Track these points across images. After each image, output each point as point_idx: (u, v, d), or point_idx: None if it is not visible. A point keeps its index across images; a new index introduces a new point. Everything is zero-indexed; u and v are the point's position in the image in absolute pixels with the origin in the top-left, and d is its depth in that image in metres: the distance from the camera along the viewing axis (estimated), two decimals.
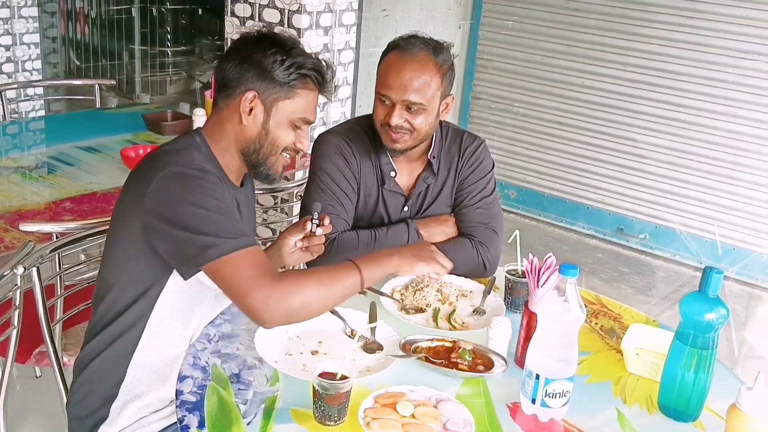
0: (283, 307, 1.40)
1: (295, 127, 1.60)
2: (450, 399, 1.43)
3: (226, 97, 1.58)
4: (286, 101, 1.57)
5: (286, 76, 1.55)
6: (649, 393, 1.53)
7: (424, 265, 1.63)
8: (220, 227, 1.43)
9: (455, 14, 4.91)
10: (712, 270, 1.39)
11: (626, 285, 4.16)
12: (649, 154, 4.45)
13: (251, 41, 1.58)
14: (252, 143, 1.58)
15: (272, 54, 1.54)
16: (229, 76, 1.56)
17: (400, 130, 1.88)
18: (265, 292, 1.39)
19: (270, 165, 1.62)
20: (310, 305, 1.44)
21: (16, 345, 1.84)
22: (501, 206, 2.10)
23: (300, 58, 1.56)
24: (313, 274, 1.49)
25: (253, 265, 1.41)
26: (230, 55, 1.59)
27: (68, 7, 6.59)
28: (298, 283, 1.42)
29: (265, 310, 1.40)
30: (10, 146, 3.22)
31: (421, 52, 1.86)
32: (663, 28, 4.26)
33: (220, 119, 1.60)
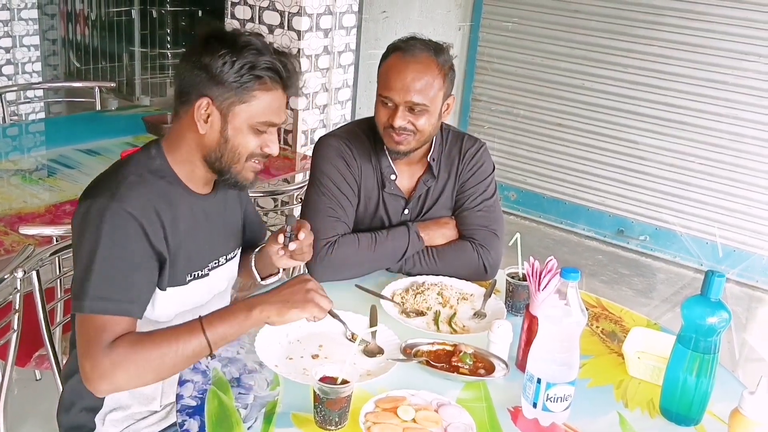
0: (108, 381, 1.36)
1: (258, 132, 1.49)
2: (451, 403, 1.43)
3: (182, 104, 1.49)
4: (242, 106, 1.45)
5: (238, 78, 1.43)
6: (650, 397, 1.52)
7: (297, 312, 1.43)
8: (96, 283, 1.37)
9: (455, 16, 4.91)
10: (714, 273, 1.38)
11: (627, 287, 4.16)
12: (650, 156, 4.45)
13: (201, 43, 1.47)
14: (213, 152, 1.49)
15: (221, 56, 1.42)
16: (184, 83, 1.47)
17: (404, 131, 1.87)
18: (91, 365, 1.35)
19: (236, 173, 1.52)
20: (140, 376, 1.38)
21: (16, 348, 1.84)
22: (502, 209, 2.09)
23: (251, 56, 1.43)
24: (148, 340, 1.38)
25: (95, 332, 1.36)
26: (183, 60, 1.48)
27: (68, 9, 6.59)
28: (126, 355, 1.35)
29: (90, 381, 1.37)
30: (10, 149, 3.22)
31: (422, 53, 1.86)
32: (664, 30, 4.26)
33: (179, 128, 1.51)
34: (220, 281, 1.68)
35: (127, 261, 1.40)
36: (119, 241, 1.39)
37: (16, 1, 4.86)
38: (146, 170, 1.49)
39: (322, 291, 1.49)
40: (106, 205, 1.39)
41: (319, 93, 3.69)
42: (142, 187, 1.45)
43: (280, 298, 1.45)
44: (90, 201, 1.42)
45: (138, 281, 1.43)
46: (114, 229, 1.39)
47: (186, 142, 1.51)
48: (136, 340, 1.38)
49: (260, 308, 1.43)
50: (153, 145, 1.55)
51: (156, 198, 1.46)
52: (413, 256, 1.97)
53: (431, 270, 1.96)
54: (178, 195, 1.52)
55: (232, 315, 1.43)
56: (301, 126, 3.65)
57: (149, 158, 1.52)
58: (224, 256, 1.67)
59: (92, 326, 1.37)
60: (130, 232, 1.40)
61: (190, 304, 1.59)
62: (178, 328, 1.42)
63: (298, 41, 3.49)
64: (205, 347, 1.40)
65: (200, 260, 1.59)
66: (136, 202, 1.42)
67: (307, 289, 1.46)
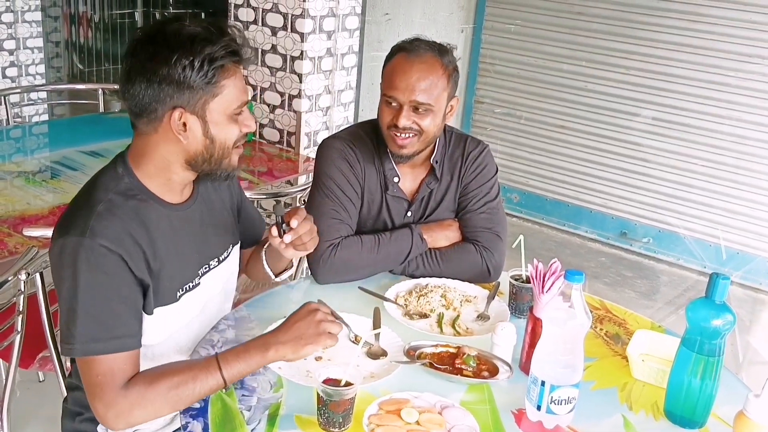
0: (124, 420, 1.36)
1: (235, 118, 1.45)
2: (455, 405, 1.42)
3: (148, 122, 1.41)
4: (215, 100, 1.40)
5: (203, 76, 1.37)
6: (655, 399, 1.52)
7: (312, 347, 1.44)
8: (83, 325, 1.34)
9: (458, 18, 4.91)
10: (719, 276, 1.38)
11: (630, 289, 4.15)
12: (653, 158, 4.45)
13: (147, 55, 1.37)
14: (199, 156, 1.44)
15: (177, 61, 1.34)
16: (143, 101, 1.38)
17: (408, 131, 1.87)
18: (106, 406, 1.35)
19: (225, 166, 1.49)
20: (157, 413, 1.39)
21: (20, 350, 1.84)
22: (505, 211, 2.09)
23: (207, 49, 1.36)
24: (165, 378, 1.38)
25: (103, 376, 1.35)
26: (132, 78, 1.38)
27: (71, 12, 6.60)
28: (143, 396, 1.35)
29: (105, 421, 1.37)
30: (14, 150, 3.23)
31: (427, 53, 1.86)
32: (666, 32, 4.25)
33: (148, 143, 1.44)
34: (214, 285, 1.65)
35: (110, 297, 1.37)
36: (98, 278, 1.35)
37: (19, 4, 4.88)
38: (115, 193, 1.42)
39: (330, 316, 1.50)
40: (79, 242, 1.35)
41: (322, 95, 3.69)
42: (114, 216, 1.39)
43: (292, 336, 1.45)
44: (62, 239, 1.37)
45: (124, 314, 1.40)
46: (91, 266, 1.35)
47: (159, 155, 1.45)
48: (152, 380, 1.38)
49: (275, 349, 1.44)
50: (119, 161, 1.48)
51: (130, 222, 1.41)
52: (416, 258, 1.97)
53: (435, 272, 1.96)
54: (153, 211, 1.46)
55: (248, 355, 1.43)
56: (304, 128, 3.65)
57: (116, 178, 1.46)
58: (215, 258, 1.64)
59: (98, 370, 1.36)
60: (109, 266, 1.36)
61: (184, 319, 1.57)
62: (194, 365, 1.42)
63: (301, 43, 3.49)
64: (221, 385, 1.42)
65: (188, 272, 1.56)
66: (110, 233, 1.37)
67: (318, 321, 1.46)
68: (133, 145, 1.49)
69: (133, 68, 1.39)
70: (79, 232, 1.36)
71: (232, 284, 1.77)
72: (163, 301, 1.50)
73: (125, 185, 1.45)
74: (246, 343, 1.46)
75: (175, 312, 1.53)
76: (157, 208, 1.48)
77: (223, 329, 1.68)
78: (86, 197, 1.44)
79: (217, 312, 1.71)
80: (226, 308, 1.76)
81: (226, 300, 1.75)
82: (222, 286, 1.70)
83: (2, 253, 2.15)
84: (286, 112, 3.65)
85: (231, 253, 1.71)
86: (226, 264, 1.69)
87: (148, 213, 1.45)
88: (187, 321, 1.59)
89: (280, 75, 3.61)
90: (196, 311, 1.61)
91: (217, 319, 1.71)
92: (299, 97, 3.58)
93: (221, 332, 1.67)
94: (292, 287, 1.93)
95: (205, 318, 1.67)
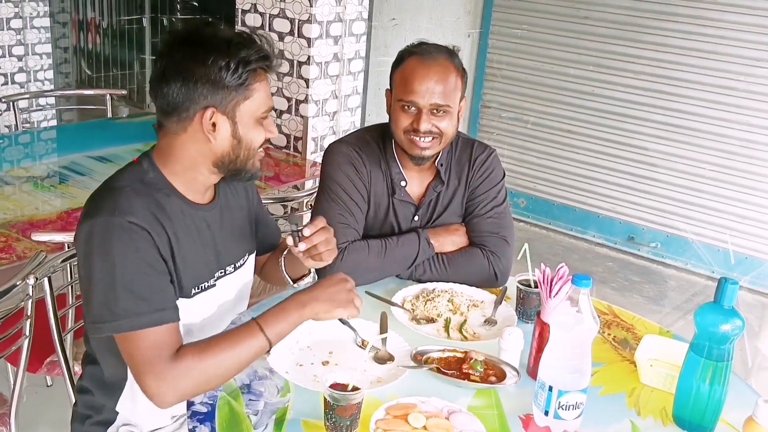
0: (176, 392, 1.37)
1: (261, 121, 1.50)
2: (462, 410, 1.42)
3: (179, 121, 1.45)
4: (246, 102, 1.45)
5: (237, 78, 1.42)
6: (663, 405, 1.51)
7: (341, 310, 1.49)
8: (125, 301, 1.36)
9: (464, 23, 4.91)
10: (728, 281, 1.37)
11: (638, 294, 4.14)
12: (661, 163, 4.43)
13: (183, 55, 1.42)
14: (226, 155, 1.49)
15: (214, 62, 1.40)
16: (176, 100, 1.42)
17: (428, 135, 1.87)
18: (157, 378, 1.35)
19: (249, 167, 1.53)
20: (208, 383, 1.40)
21: (28, 354, 1.85)
22: (512, 215, 2.09)
23: (243, 52, 1.42)
24: (212, 347, 1.40)
25: (151, 350, 1.36)
26: (167, 77, 1.42)
27: (80, 18, 6.64)
28: (193, 365, 1.37)
29: (157, 395, 1.37)
30: (22, 156, 3.24)
31: (440, 56, 1.88)
32: (675, 37, 4.24)
33: (176, 142, 1.48)
34: (229, 291, 1.66)
35: (146, 271, 1.40)
36: (132, 253, 1.38)
37: (28, 10, 4.91)
38: (140, 182, 1.46)
39: (358, 295, 1.54)
40: (108, 221, 1.38)
41: (328, 100, 3.70)
42: (140, 198, 1.43)
43: (327, 296, 1.48)
44: (90, 221, 1.39)
45: (164, 287, 1.43)
46: (123, 243, 1.38)
47: (186, 154, 1.49)
48: (199, 350, 1.39)
49: (311, 306, 1.46)
50: (144, 159, 1.51)
51: (155, 208, 1.44)
52: (424, 263, 1.96)
53: (442, 277, 1.96)
54: (176, 207, 1.49)
55: (286, 312, 1.46)
56: (311, 133, 3.66)
57: (141, 171, 1.49)
58: (232, 264, 1.65)
59: (145, 344, 1.37)
60: (140, 241, 1.39)
61: (196, 318, 1.58)
62: (235, 333, 1.43)
63: (308, 48, 3.50)
64: (265, 346, 1.43)
65: (205, 272, 1.57)
66: (138, 211, 1.40)
67: (349, 289, 1.51)
68: (159, 144, 1.52)
69: (169, 67, 1.43)
70: (108, 212, 1.39)
71: (247, 293, 1.78)
72: (180, 294, 1.51)
73: (150, 179, 1.49)
74: (282, 303, 1.48)
75: (187, 308, 1.54)
76: (179, 204, 1.51)
77: None
78: (110, 185, 1.47)
79: (230, 314, 1.72)
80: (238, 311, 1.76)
81: (239, 306, 1.76)
82: (237, 293, 1.71)
83: (11, 258, 2.16)
84: (293, 117, 3.65)
85: (247, 262, 1.72)
86: (241, 271, 1.70)
87: (173, 208, 1.49)
88: (200, 322, 1.59)
89: (287, 80, 3.62)
90: (209, 313, 1.62)
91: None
92: (306, 102, 3.59)
93: None
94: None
95: (221, 323, 1.67)
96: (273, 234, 1.86)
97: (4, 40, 4.82)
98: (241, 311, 1.75)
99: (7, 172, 2.93)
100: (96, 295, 1.39)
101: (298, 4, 3.48)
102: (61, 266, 1.95)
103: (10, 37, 4.85)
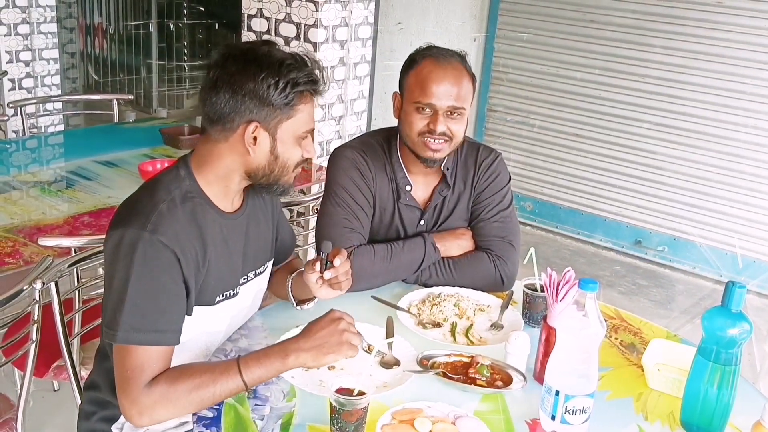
0: (148, 417, 1.40)
1: (300, 141, 1.54)
2: (468, 415, 1.42)
3: (222, 130, 1.49)
4: (288, 122, 1.49)
5: (284, 98, 1.46)
6: (671, 409, 1.51)
7: (333, 356, 1.46)
8: (129, 314, 1.39)
9: (470, 27, 4.91)
10: (735, 284, 1.37)
11: (645, 298, 4.12)
12: (668, 166, 4.42)
13: (236, 69, 1.46)
14: (261, 169, 1.52)
15: (264, 79, 1.44)
16: (223, 110, 1.46)
17: (441, 137, 1.88)
18: (129, 401, 1.39)
19: (282, 183, 1.57)
20: (178, 412, 1.42)
21: (35, 359, 1.85)
22: (518, 219, 2.08)
23: (293, 74, 1.46)
24: (187, 379, 1.41)
25: (132, 370, 1.39)
26: (218, 87, 1.46)
27: (87, 23, 6.66)
28: (165, 395, 1.39)
29: (129, 417, 1.41)
30: (30, 161, 3.26)
31: (453, 59, 1.89)
32: (682, 40, 4.23)
33: (216, 151, 1.51)
34: (247, 297, 1.68)
35: (159, 291, 1.42)
36: (152, 271, 1.41)
37: (35, 15, 4.93)
38: (177, 193, 1.49)
39: (353, 327, 1.50)
40: (138, 234, 1.41)
41: (335, 104, 3.70)
42: (173, 216, 1.45)
43: (314, 344, 1.46)
44: (122, 230, 1.43)
45: (170, 310, 1.44)
46: (147, 259, 1.40)
47: (223, 164, 1.52)
48: (174, 379, 1.41)
49: (295, 356, 1.46)
50: (181, 164, 1.55)
51: (186, 225, 1.47)
52: (430, 267, 1.96)
53: (448, 281, 1.96)
54: (208, 216, 1.52)
55: (268, 360, 1.45)
56: (317, 137, 3.66)
57: (179, 179, 1.52)
58: (253, 271, 1.67)
59: (130, 362, 1.40)
60: (163, 261, 1.42)
61: (214, 325, 1.60)
62: (215, 368, 1.44)
63: (314, 53, 3.50)
64: (241, 388, 1.44)
65: (231, 280, 1.60)
66: (168, 231, 1.43)
67: (341, 330, 1.47)
68: (198, 150, 1.56)
69: (221, 78, 1.47)
70: (140, 225, 1.42)
71: (260, 298, 1.79)
72: (201, 302, 1.53)
73: (186, 187, 1.51)
74: (267, 348, 1.48)
75: (211, 315, 1.56)
76: (211, 213, 1.54)
77: (236, 338, 1.68)
78: (149, 194, 1.50)
79: (241, 323, 1.74)
80: None
81: (252, 313, 1.77)
82: (252, 299, 1.72)
83: (18, 263, 2.16)
84: None
85: (266, 269, 1.74)
86: (260, 279, 1.72)
87: (204, 217, 1.52)
88: (216, 327, 1.62)
89: None
90: (229, 320, 1.64)
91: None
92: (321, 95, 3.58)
93: (234, 341, 1.67)
94: None
95: (230, 329, 1.69)
96: (288, 246, 1.87)
97: (12, 45, 4.85)
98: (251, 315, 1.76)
99: (15, 177, 2.95)
100: (110, 301, 1.43)
101: (304, 9, 3.48)
102: (68, 271, 1.96)
103: (17, 42, 4.87)
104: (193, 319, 1.52)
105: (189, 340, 1.55)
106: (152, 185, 1.53)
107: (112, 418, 1.63)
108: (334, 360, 1.47)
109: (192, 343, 1.57)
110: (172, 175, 1.53)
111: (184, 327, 1.50)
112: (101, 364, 1.65)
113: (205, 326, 1.58)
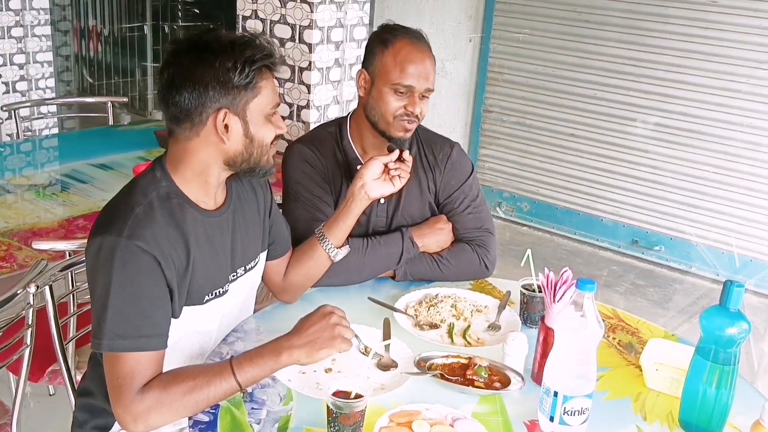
0: (143, 424, 1.38)
1: (270, 118, 1.52)
2: (466, 417, 1.41)
3: (191, 127, 1.46)
4: (254, 101, 1.47)
5: (245, 77, 1.43)
6: (669, 409, 1.50)
7: (326, 351, 1.44)
8: (112, 321, 1.38)
9: (466, 27, 4.91)
10: (733, 284, 1.36)
11: (642, 298, 4.12)
12: (665, 166, 4.42)
13: (191, 61, 1.43)
14: (239, 155, 1.50)
15: (221, 64, 1.42)
16: (188, 106, 1.44)
17: (416, 118, 1.90)
18: (123, 409, 1.38)
19: (263, 164, 1.55)
20: (172, 417, 1.40)
21: (29, 363, 1.84)
22: (488, 205, 2.12)
23: (247, 51, 1.44)
24: (180, 382, 1.40)
25: (123, 378, 1.38)
26: (177, 85, 1.44)
27: (81, 26, 6.65)
28: (159, 400, 1.37)
29: (123, 424, 1.39)
30: (24, 164, 3.24)
31: (423, 40, 1.92)
32: (677, 39, 4.23)
33: (190, 148, 1.49)
34: (239, 294, 1.67)
35: (141, 296, 1.41)
36: (132, 277, 1.39)
37: (29, 18, 4.91)
38: (155, 196, 1.47)
39: (345, 320, 1.49)
40: (116, 241, 1.39)
41: (330, 105, 3.69)
42: (151, 219, 1.43)
43: (306, 340, 1.45)
44: (101, 237, 1.41)
45: (154, 315, 1.43)
46: (126, 265, 1.39)
47: (198, 159, 1.50)
48: (167, 383, 1.39)
49: (288, 353, 1.44)
50: (157, 166, 1.52)
51: (166, 227, 1.45)
52: (416, 262, 1.97)
53: (435, 275, 1.98)
54: (189, 216, 1.50)
55: (262, 359, 1.44)
56: None
57: (155, 181, 1.50)
58: (242, 267, 1.66)
59: (120, 370, 1.38)
60: (143, 267, 1.40)
61: (205, 324, 1.59)
62: (208, 370, 1.43)
63: (309, 54, 3.50)
64: (235, 389, 1.43)
65: (219, 279, 1.58)
66: (146, 235, 1.41)
67: (333, 325, 1.46)
68: (171, 151, 1.53)
69: (177, 75, 1.44)
70: (117, 232, 1.40)
71: (254, 294, 1.78)
72: (191, 301, 1.52)
73: (163, 189, 1.49)
74: (259, 348, 1.47)
75: (200, 314, 1.55)
76: (192, 213, 1.51)
77: (232, 341, 1.67)
78: (125, 199, 1.48)
79: (234, 321, 1.72)
80: (242, 318, 1.76)
81: (243, 311, 1.76)
82: (244, 295, 1.71)
83: (12, 267, 2.15)
84: (294, 123, 3.65)
85: (257, 262, 1.72)
86: (252, 273, 1.70)
87: (185, 217, 1.49)
88: (207, 326, 1.60)
89: (289, 86, 3.61)
90: (219, 318, 1.63)
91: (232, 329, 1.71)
92: (308, 107, 3.58)
93: (230, 344, 1.66)
94: (302, 299, 1.91)
95: (222, 327, 1.67)
96: (284, 237, 1.82)
97: (5, 48, 4.83)
98: (245, 317, 1.75)
99: (9, 180, 2.93)
100: (93, 309, 1.42)
101: (299, 10, 3.48)
102: (63, 275, 1.94)
103: (11, 45, 4.85)
104: (182, 320, 1.51)
105: (180, 339, 1.54)
106: (128, 189, 1.51)
107: (105, 426, 1.62)
108: (328, 354, 1.45)
109: (184, 343, 1.56)
110: (148, 178, 1.51)
111: (174, 327, 1.49)
112: (95, 369, 1.63)
113: (196, 326, 1.57)
